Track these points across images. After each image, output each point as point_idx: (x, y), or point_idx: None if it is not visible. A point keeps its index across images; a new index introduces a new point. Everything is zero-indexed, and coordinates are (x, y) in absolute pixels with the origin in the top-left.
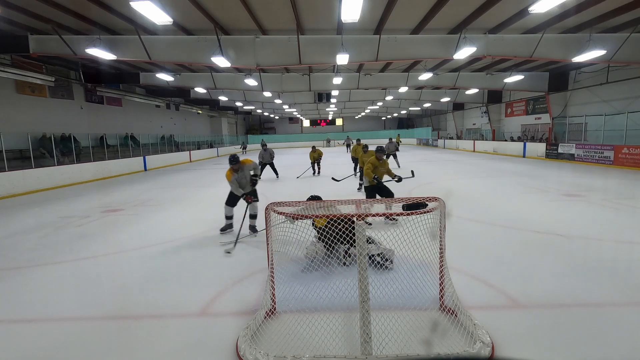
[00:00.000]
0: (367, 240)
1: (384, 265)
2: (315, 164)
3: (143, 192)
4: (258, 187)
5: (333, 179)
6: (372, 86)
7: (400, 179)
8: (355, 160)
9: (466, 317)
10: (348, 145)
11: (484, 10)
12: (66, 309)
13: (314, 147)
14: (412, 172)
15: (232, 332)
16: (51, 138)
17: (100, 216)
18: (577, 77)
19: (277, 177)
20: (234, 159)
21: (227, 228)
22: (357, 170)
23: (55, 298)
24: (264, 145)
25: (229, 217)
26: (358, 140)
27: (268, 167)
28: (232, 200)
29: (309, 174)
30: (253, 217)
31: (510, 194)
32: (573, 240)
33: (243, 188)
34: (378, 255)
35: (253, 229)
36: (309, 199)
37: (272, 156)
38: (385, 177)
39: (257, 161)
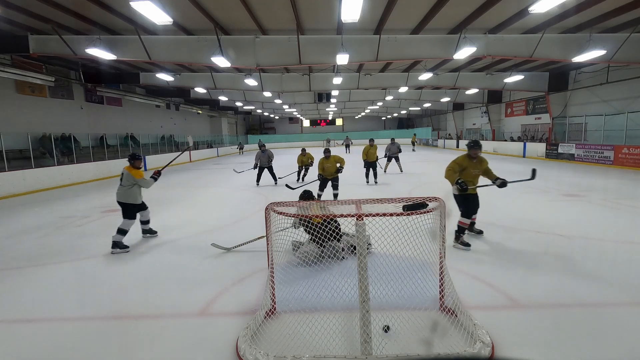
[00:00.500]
0: (346, 234)
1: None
2: (304, 170)
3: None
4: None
5: (287, 185)
6: (372, 86)
7: (504, 183)
8: (367, 164)
9: (466, 317)
10: (347, 146)
11: (484, 10)
12: (66, 309)
13: (303, 150)
14: (534, 171)
15: (232, 332)
16: (51, 138)
17: (100, 216)
18: (577, 77)
19: (276, 183)
20: (139, 156)
21: (125, 247)
22: (374, 175)
23: (55, 298)
24: (261, 146)
25: (126, 233)
26: (371, 140)
27: (266, 171)
28: (133, 213)
29: (293, 179)
30: (147, 222)
31: (510, 194)
32: (573, 240)
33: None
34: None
35: (151, 231)
36: (301, 196)
37: (270, 159)
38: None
39: (253, 163)
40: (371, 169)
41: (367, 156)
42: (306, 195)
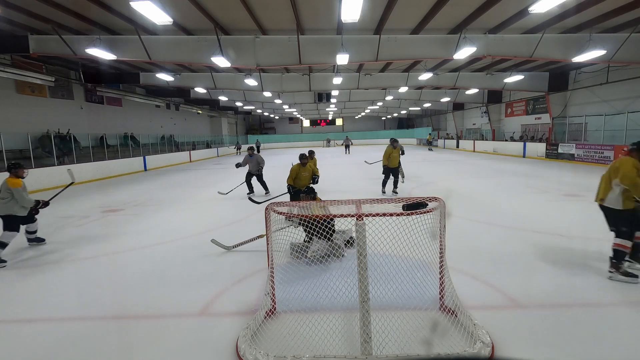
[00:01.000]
0: (339, 231)
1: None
2: None
3: (143, 192)
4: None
5: (251, 199)
6: (372, 86)
7: None
8: (387, 171)
9: (466, 317)
10: (347, 146)
11: (484, 10)
12: (66, 309)
13: (311, 153)
14: None
15: (232, 332)
16: (51, 138)
17: (100, 216)
18: (577, 77)
19: (267, 192)
20: (20, 164)
21: (2, 262)
22: (394, 184)
23: (55, 298)
24: (249, 148)
25: (5, 245)
26: (394, 141)
27: (254, 178)
28: (15, 224)
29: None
30: (34, 232)
31: (511, 194)
32: (573, 240)
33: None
34: (351, 237)
35: (38, 239)
36: (303, 193)
37: (259, 165)
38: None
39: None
40: (391, 176)
41: (389, 161)
42: (306, 192)
